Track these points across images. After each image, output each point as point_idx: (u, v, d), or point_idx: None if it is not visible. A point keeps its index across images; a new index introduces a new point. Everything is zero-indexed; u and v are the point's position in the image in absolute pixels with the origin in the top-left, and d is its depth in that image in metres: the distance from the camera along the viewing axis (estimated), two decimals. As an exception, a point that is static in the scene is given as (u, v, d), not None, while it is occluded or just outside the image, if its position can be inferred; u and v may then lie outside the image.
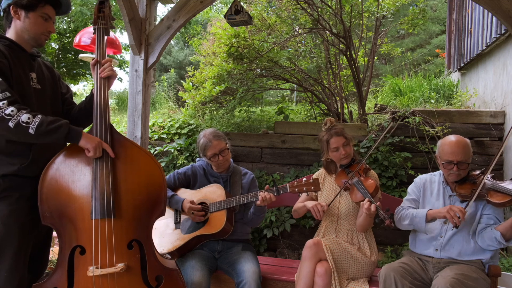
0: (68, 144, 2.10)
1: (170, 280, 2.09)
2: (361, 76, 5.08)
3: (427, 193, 2.54)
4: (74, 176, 2.05)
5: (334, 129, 2.65)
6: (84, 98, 2.37)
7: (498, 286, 2.39)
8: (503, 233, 2.22)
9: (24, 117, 1.87)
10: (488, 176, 2.34)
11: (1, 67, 1.92)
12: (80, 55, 5.38)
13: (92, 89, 2.28)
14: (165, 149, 4.85)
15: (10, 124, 1.85)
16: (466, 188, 2.36)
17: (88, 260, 1.99)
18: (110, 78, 2.18)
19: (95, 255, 1.99)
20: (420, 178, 2.62)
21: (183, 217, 2.73)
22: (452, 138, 2.43)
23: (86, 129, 2.21)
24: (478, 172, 2.42)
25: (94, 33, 2.24)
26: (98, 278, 1.98)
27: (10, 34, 2.09)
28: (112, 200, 2.01)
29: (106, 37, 2.24)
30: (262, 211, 2.65)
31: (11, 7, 2.05)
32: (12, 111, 1.86)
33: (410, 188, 2.63)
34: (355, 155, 2.71)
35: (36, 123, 1.89)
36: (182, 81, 6.77)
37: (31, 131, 1.88)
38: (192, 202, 2.63)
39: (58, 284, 2.01)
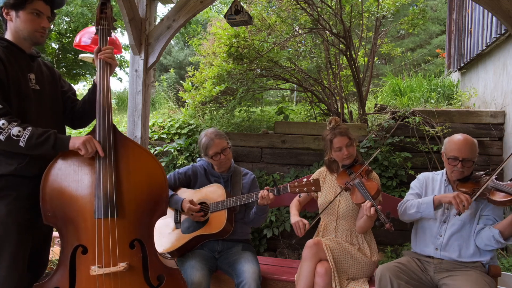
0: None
1: (171, 279, 2.10)
2: (361, 76, 5.08)
3: (429, 190, 2.56)
4: (76, 175, 2.05)
5: (339, 128, 2.65)
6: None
7: (498, 286, 2.39)
8: (502, 231, 2.23)
9: (15, 130, 1.88)
10: (493, 177, 2.34)
11: None
12: (80, 55, 5.39)
13: (93, 79, 2.28)
14: (165, 149, 4.85)
15: (1, 137, 1.86)
16: (468, 187, 2.36)
17: (90, 260, 2.00)
18: (111, 66, 2.19)
19: (98, 255, 1.99)
20: (423, 175, 2.63)
21: (183, 217, 2.73)
22: (459, 135, 2.46)
23: (89, 129, 2.21)
24: (481, 172, 2.42)
25: (96, 34, 2.24)
26: (100, 277, 1.99)
27: (7, 36, 2.09)
28: (115, 200, 2.01)
29: (108, 37, 2.24)
30: (264, 211, 2.64)
31: (2, 10, 2.05)
32: (3, 124, 1.87)
33: (413, 184, 2.64)
34: (357, 156, 2.71)
35: (27, 136, 1.90)
36: (182, 81, 6.77)
37: (21, 144, 1.89)
38: (191, 202, 2.62)
39: (60, 283, 2.01)
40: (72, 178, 2.05)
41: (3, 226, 1.97)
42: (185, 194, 2.76)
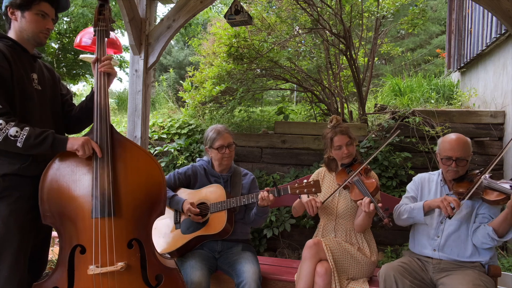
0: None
1: (170, 279, 2.10)
2: (361, 76, 5.08)
3: (425, 191, 2.56)
4: (74, 175, 2.05)
5: (339, 127, 2.67)
6: (84, 98, 2.37)
7: (498, 286, 2.39)
8: (495, 229, 2.22)
9: (12, 130, 1.88)
10: (486, 175, 2.34)
11: (1, 71, 1.92)
12: (81, 56, 5.38)
13: (92, 88, 2.29)
14: (165, 149, 4.85)
15: None
16: (463, 186, 2.36)
17: (88, 259, 2.00)
18: (110, 76, 2.19)
19: (96, 254, 1.99)
20: (419, 177, 2.63)
21: (183, 217, 2.73)
22: (452, 135, 2.46)
23: (87, 129, 2.21)
24: (477, 171, 2.42)
25: (94, 35, 2.25)
26: (98, 277, 1.99)
27: (11, 35, 2.10)
28: (112, 199, 2.02)
29: (106, 39, 2.24)
30: (264, 212, 2.64)
31: (7, 9, 2.06)
32: (0, 124, 1.87)
33: (409, 186, 2.64)
34: (357, 155, 2.72)
35: (24, 136, 1.90)
36: (182, 81, 6.78)
37: (19, 144, 1.90)
38: (192, 204, 2.63)
39: (59, 283, 2.01)
40: (70, 178, 2.05)
41: (5, 226, 1.97)
42: (184, 194, 2.76)
